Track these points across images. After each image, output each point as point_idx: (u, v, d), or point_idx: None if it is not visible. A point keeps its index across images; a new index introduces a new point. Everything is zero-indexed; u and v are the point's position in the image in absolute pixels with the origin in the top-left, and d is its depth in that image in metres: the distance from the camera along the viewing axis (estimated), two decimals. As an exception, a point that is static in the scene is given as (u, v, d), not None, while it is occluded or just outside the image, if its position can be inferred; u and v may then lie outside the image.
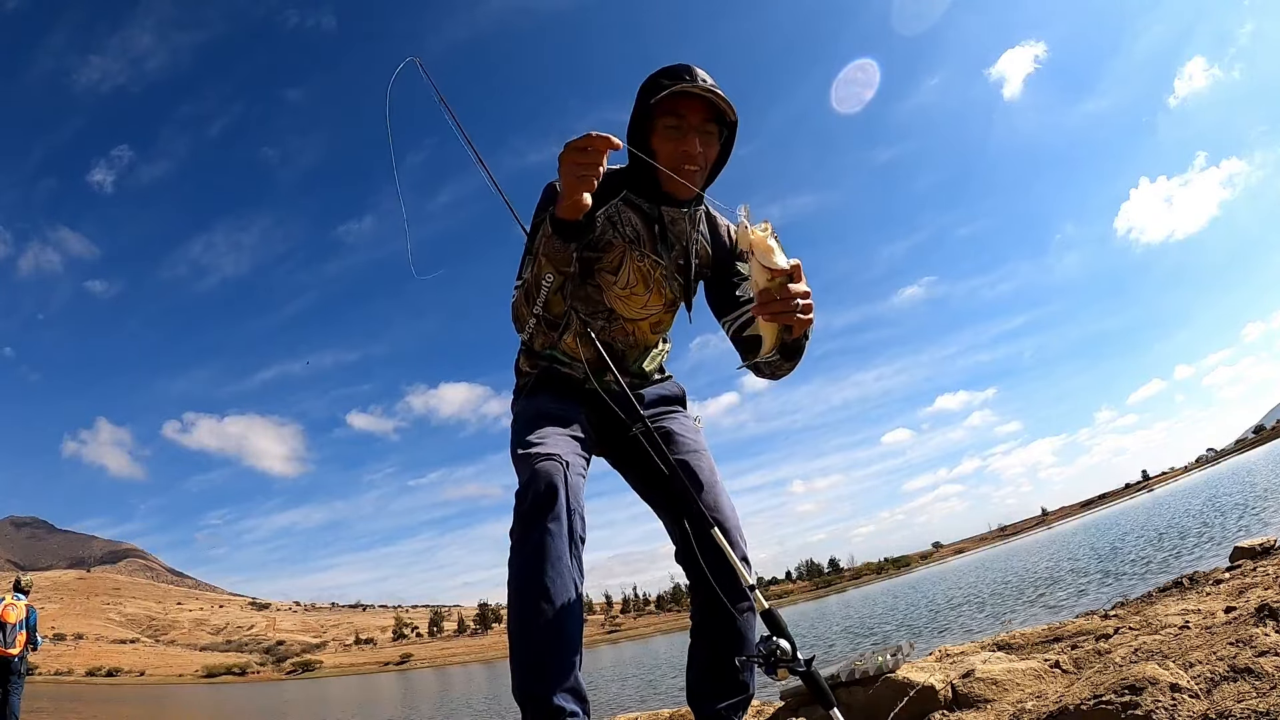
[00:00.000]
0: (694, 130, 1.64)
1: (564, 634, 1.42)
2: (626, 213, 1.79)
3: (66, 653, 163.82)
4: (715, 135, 1.71)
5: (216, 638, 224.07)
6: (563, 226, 1.46)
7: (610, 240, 1.78)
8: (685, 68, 1.67)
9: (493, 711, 14.56)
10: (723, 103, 1.65)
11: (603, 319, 1.84)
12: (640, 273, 1.81)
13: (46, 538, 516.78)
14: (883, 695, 2.21)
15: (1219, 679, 1.39)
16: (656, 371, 2.00)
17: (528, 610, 1.42)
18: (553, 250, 1.48)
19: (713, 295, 1.90)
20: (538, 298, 1.54)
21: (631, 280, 1.81)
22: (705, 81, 1.65)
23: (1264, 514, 13.09)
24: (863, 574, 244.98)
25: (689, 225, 1.84)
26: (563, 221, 1.45)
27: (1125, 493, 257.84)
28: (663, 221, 1.80)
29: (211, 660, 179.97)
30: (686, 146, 1.64)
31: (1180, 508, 27.43)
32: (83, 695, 43.41)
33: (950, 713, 2.02)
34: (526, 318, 1.59)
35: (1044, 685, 2.02)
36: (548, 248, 1.48)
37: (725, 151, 1.78)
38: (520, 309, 1.60)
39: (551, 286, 1.53)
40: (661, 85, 1.65)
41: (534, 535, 1.44)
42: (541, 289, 1.53)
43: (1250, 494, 20.76)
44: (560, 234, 1.47)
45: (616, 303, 1.83)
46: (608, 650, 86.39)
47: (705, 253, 1.89)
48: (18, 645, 8.41)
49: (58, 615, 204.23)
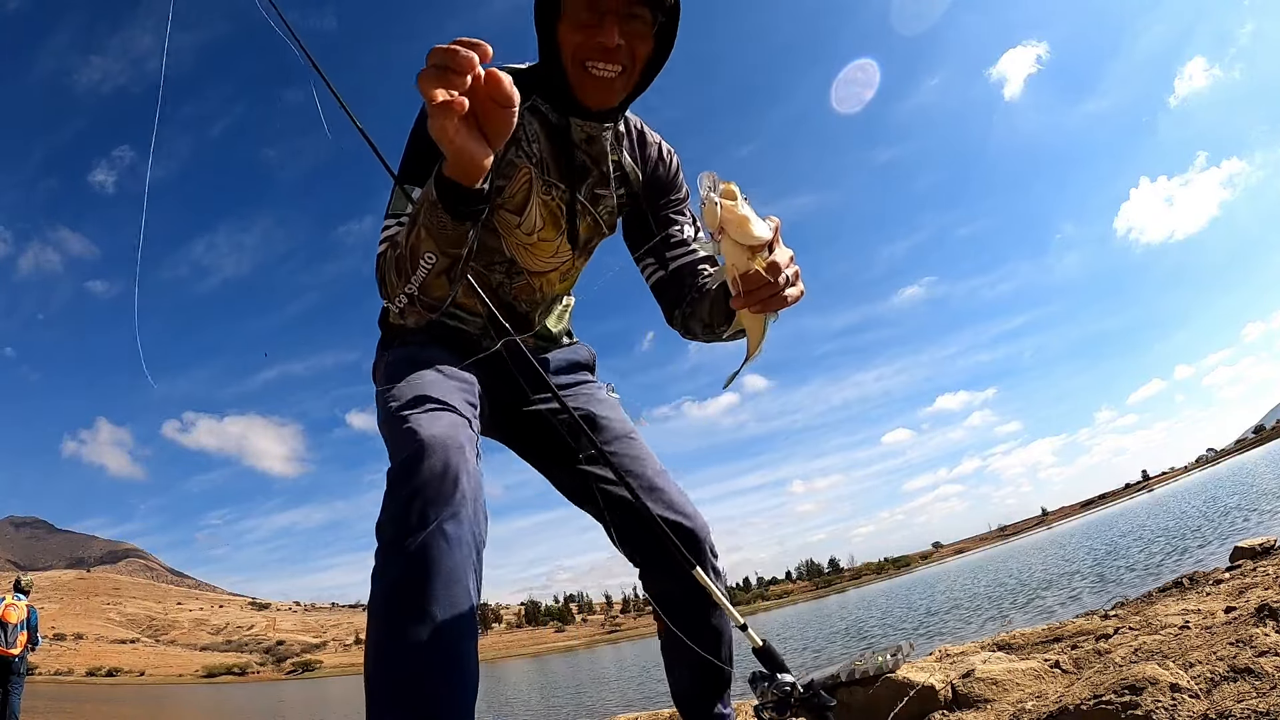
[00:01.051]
0: (614, 15, 1.23)
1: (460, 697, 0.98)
2: (533, 125, 1.38)
3: (66, 653, 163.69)
4: (647, 23, 1.27)
5: (216, 638, 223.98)
6: (455, 194, 0.97)
7: (513, 161, 1.38)
8: None
9: (494, 713, 14.55)
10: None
11: (501, 272, 1.48)
12: (548, 210, 1.43)
13: (46, 538, 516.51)
14: (883, 695, 2.21)
15: (1219, 679, 1.39)
16: (565, 334, 1.69)
17: (406, 658, 0.97)
18: (439, 226, 1.01)
19: (635, 231, 1.56)
20: (413, 276, 1.09)
21: (538, 221, 1.43)
22: None
23: (1264, 514, 13.08)
24: (863, 574, 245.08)
25: (608, 145, 1.44)
26: (455, 187, 0.96)
27: (1125, 493, 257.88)
28: (571, 139, 1.39)
29: (211, 660, 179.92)
30: (602, 37, 1.22)
31: (1180, 508, 27.42)
32: (83, 695, 43.43)
33: (950, 713, 2.02)
34: (397, 292, 1.13)
35: (1044, 685, 2.02)
36: (431, 219, 1.01)
37: (663, 49, 1.35)
38: (389, 277, 1.14)
39: (434, 269, 1.06)
40: None
41: (421, 542, 0.99)
42: (419, 269, 1.07)
43: (1250, 494, 20.75)
44: (451, 206, 0.98)
45: (520, 251, 1.46)
46: (608, 650, 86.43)
47: (635, 178, 1.51)
48: (19, 645, 8.42)
49: (58, 615, 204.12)
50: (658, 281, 1.52)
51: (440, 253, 1.05)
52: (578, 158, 1.42)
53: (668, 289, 1.51)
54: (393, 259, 1.12)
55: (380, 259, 1.19)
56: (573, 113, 1.36)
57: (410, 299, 1.11)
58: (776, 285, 1.02)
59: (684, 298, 1.48)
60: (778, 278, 1.01)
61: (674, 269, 1.50)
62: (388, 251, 1.15)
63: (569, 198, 1.43)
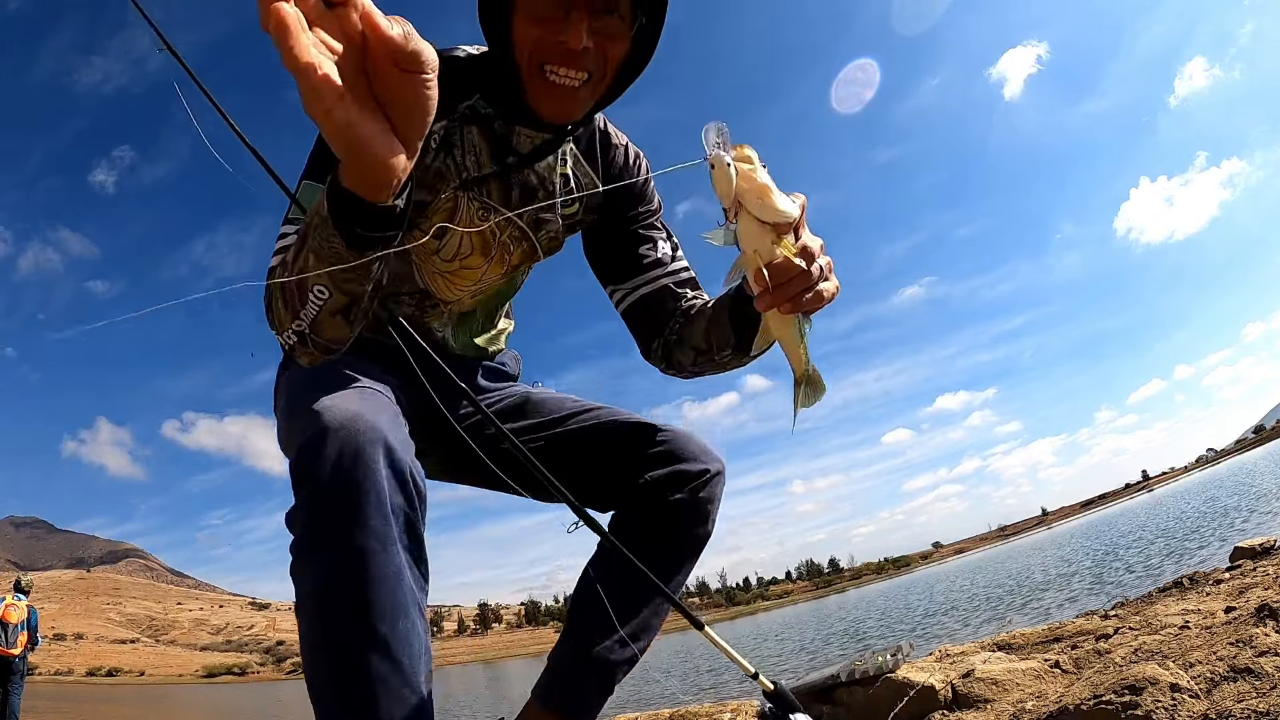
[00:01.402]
0: (583, 8, 0.98)
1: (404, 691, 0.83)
2: (470, 132, 1.13)
3: (66, 653, 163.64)
4: (624, 21, 1.03)
5: (216, 638, 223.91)
6: (354, 212, 0.69)
7: (440, 171, 1.12)
8: None
9: (495, 715, 14.54)
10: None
11: (411, 305, 1.24)
12: (480, 236, 1.19)
13: (46, 538, 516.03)
14: (883, 695, 2.21)
15: (1219, 679, 1.39)
16: (496, 353, 1.43)
17: (349, 680, 0.82)
18: (331, 253, 0.74)
19: (601, 253, 1.31)
20: (301, 311, 0.83)
21: (464, 248, 1.19)
22: None
23: (1264, 514, 13.08)
24: (863, 574, 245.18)
25: (559, 159, 1.21)
26: (355, 202, 0.68)
27: (1125, 493, 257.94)
28: (513, 150, 1.15)
29: (211, 660, 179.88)
30: (567, 36, 0.98)
31: (1180, 508, 27.43)
32: (83, 695, 43.45)
33: (950, 713, 2.02)
34: (284, 326, 0.87)
35: (1044, 685, 2.02)
36: (321, 242, 0.74)
37: (642, 54, 1.11)
38: (275, 305, 0.88)
39: (327, 307, 0.82)
40: None
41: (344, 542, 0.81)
42: (309, 303, 0.82)
43: (1250, 494, 20.76)
44: (346, 228, 0.70)
45: (436, 280, 1.22)
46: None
47: (595, 199, 1.27)
48: (19, 645, 8.43)
49: (58, 615, 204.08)
50: (630, 309, 1.29)
51: (334, 288, 0.79)
52: (521, 174, 1.17)
53: (642, 317, 1.28)
54: (280, 284, 0.85)
55: (269, 292, 0.90)
56: (522, 121, 1.12)
57: (300, 337, 0.87)
58: (811, 275, 0.79)
59: (665, 324, 1.26)
60: (811, 266, 0.79)
61: (649, 293, 1.27)
62: (278, 270, 0.87)
63: (505, 222, 1.19)
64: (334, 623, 0.83)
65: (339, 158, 0.65)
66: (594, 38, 1.00)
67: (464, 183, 1.14)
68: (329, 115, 0.58)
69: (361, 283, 0.80)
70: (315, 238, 0.75)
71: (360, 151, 0.62)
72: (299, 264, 0.79)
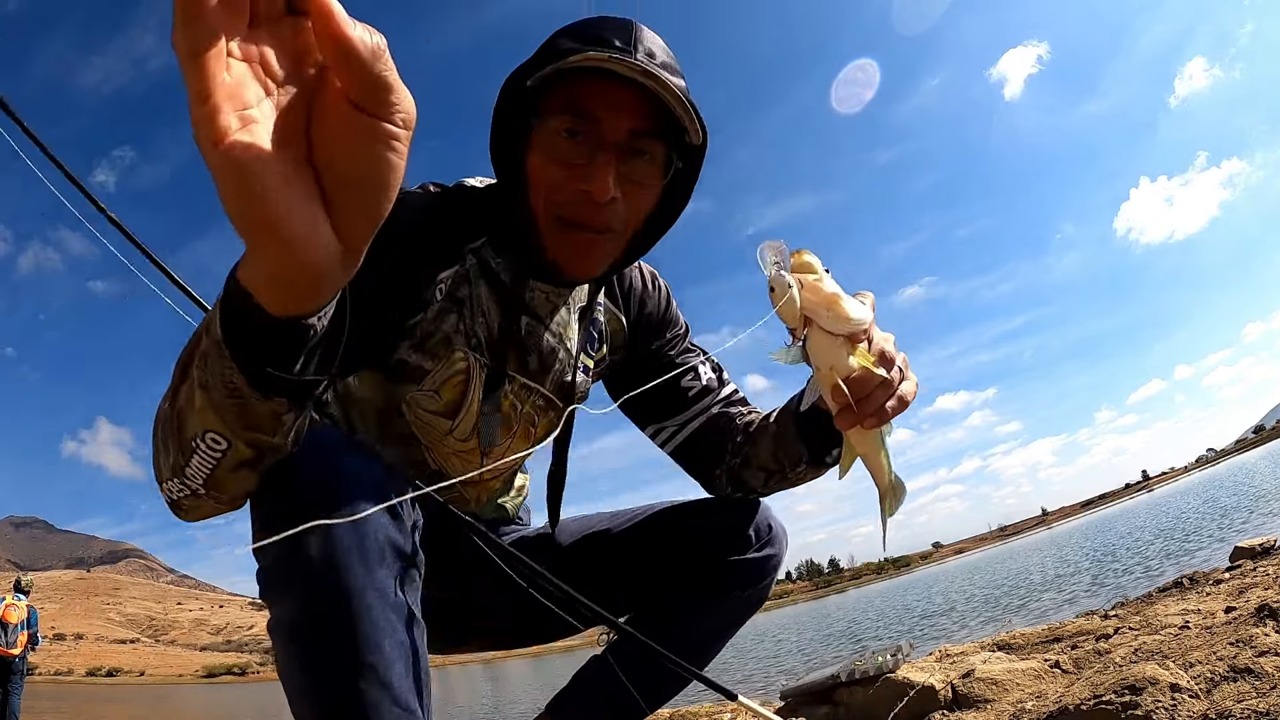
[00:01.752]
0: (610, 152, 0.84)
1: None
2: (479, 289, 0.97)
3: (66, 653, 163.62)
4: (656, 164, 0.88)
5: (216, 638, 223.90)
6: (259, 331, 0.50)
7: (448, 336, 0.96)
8: (622, 26, 0.84)
9: (496, 717, 14.54)
10: (677, 105, 0.82)
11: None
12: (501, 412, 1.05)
13: (46, 538, 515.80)
14: (883, 695, 2.21)
15: (1219, 679, 1.39)
16: (520, 511, 1.31)
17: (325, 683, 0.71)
18: (228, 391, 0.55)
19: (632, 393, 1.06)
20: (187, 464, 0.63)
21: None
22: (650, 58, 0.83)
23: (1264, 514, 13.08)
24: (863, 574, 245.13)
25: (572, 313, 1.05)
26: (260, 317, 0.48)
27: (1125, 493, 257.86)
28: (527, 307, 0.99)
29: (211, 660, 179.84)
30: (591, 185, 0.83)
31: (1180, 508, 27.43)
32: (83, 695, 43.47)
33: (950, 713, 2.02)
34: (165, 477, 0.67)
35: (1044, 685, 2.02)
36: (213, 374, 0.55)
37: (676, 199, 0.96)
38: (157, 446, 0.67)
39: (226, 460, 0.61)
40: (561, 50, 0.82)
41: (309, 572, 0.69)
42: (198, 453, 0.61)
43: (1250, 494, 20.75)
44: (245, 355, 0.52)
45: (452, 461, 1.05)
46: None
47: (619, 328, 1.14)
48: (19, 645, 8.44)
49: (58, 615, 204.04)
50: (682, 446, 1.13)
51: (236, 436, 0.59)
52: (539, 337, 1.01)
53: (698, 450, 1.12)
54: (160, 413, 0.65)
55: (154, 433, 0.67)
56: (535, 274, 0.97)
57: (191, 494, 0.65)
58: (892, 383, 0.70)
59: (725, 451, 1.10)
60: (890, 371, 0.70)
61: (702, 425, 1.11)
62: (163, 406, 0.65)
63: (525, 392, 1.04)
64: (316, 654, 0.72)
65: (240, 236, 0.42)
66: (622, 185, 0.85)
67: (479, 349, 0.98)
68: (233, 172, 0.37)
69: (274, 434, 0.60)
70: (205, 368, 0.54)
71: (270, 231, 0.39)
72: (181, 398, 0.59)
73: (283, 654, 0.74)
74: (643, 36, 0.85)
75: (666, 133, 0.87)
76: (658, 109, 0.84)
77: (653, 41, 0.86)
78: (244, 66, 0.37)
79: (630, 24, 0.86)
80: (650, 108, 0.84)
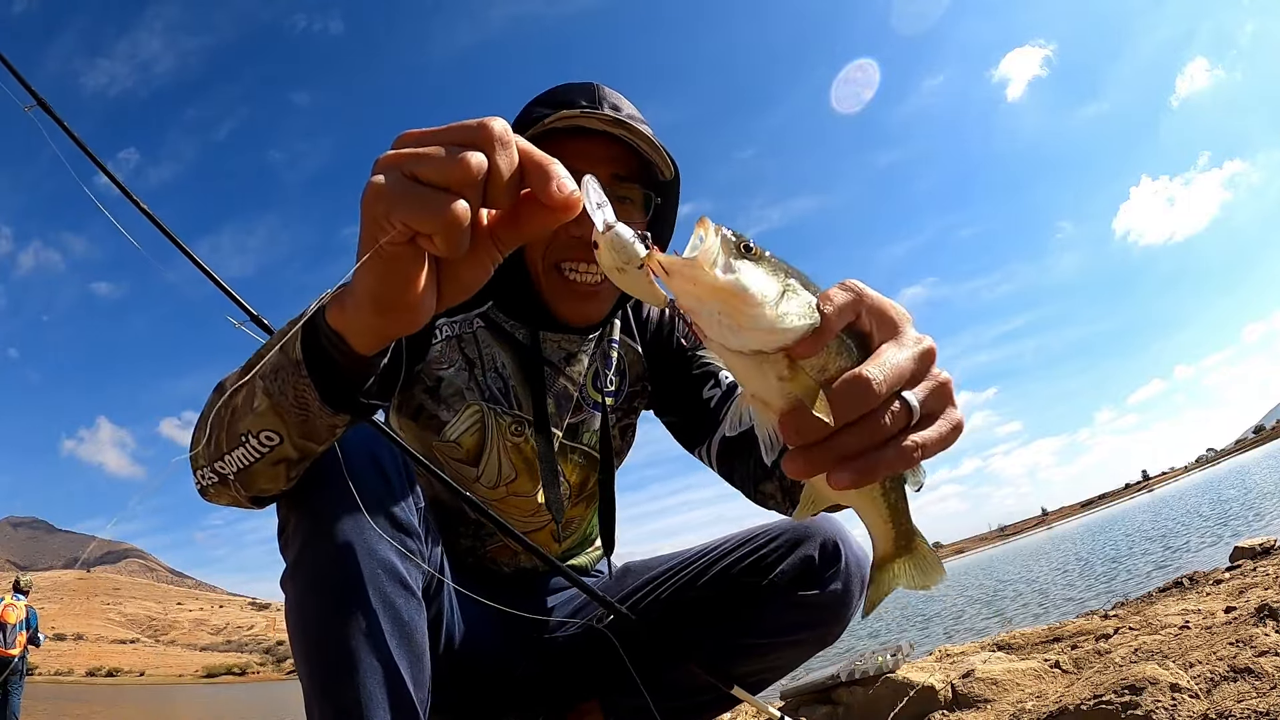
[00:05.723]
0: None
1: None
2: (490, 346, 1.07)
3: (66, 653, 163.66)
4: (637, 206, 1.01)
5: (216, 638, 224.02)
6: (339, 364, 0.60)
7: (460, 390, 1.05)
8: (585, 88, 0.99)
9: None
10: (647, 147, 0.96)
11: (469, 537, 1.13)
12: (520, 456, 1.09)
13: (46, 538, 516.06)
14: (883, 695, 2.21)
15: (1219, 679, 1.39)
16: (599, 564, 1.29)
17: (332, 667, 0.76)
18: (297, 404, 0.63)
19: (677, 417, 1.18)
20: (229, 453, 0.69)
21: (507, 471, 1.10)
22: (616, 110, 0.97)
23: (1264, 514, 13.08)
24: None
25: (588, 357, 1.13)
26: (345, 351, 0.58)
27: (1125, 493, 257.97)
28: (543, 359, 1.08)
29: (211, 660, 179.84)
30: (584, 230, 0.92)
31: (1180, 508, 27.43)
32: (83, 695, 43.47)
33: (950, 713, 2.02)
34: (203, 461, 0.72)
35: (1044, 685, 2.02)
36: (284, 388, 0.62)
37: (664, 231, 1.09)
38: (204, 429, 0.71)
39: (269, 457, 0.68)
40: (536, 117, 0.96)
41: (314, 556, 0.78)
42: (247, 446, 0.68)
43: (1250, 494, 20.75)
44: (324, 380, 0.61)
45: (512, 514, 1.12)
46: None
47: (637, 359, 1.19)
48: (18, 645, 8.43)
49: (58, 615, 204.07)
50: (719, 458, 1.11)
51: (290, 439, 0.66)
52: (556, 383, 1.09)
53: (735, 461, 1.08)
54: (214, 408, 0.70)
55: (215, 393, 0.71)
56: (545, 325, 1.06)
57: (221, 480, 0.71)
58: (879, 426, 0.43)
59: (751, 457, 1.07)
60: (868, 404, 0.43)
61: (731, 437, 1.09)
62: (226, 388, 0.70)
63: (546, 440, 1.07)
64: (307, 628, 0.79)
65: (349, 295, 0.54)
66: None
67: (490, 398, 1.06)
68: (394, 305, 0.51)
69: (323, 442, 0.68)
70: (276, 381, 0.62)
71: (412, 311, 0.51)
72: (240, 398, 0.66)
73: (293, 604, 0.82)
74: (606, 94, 1.00)
75: (641, 174, 1.01)
76: (630, 154, 0.99)
77: (615, 97, 1.01)
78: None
79: (593, 85, 1.00)
80: (623, 154, 0.98)
